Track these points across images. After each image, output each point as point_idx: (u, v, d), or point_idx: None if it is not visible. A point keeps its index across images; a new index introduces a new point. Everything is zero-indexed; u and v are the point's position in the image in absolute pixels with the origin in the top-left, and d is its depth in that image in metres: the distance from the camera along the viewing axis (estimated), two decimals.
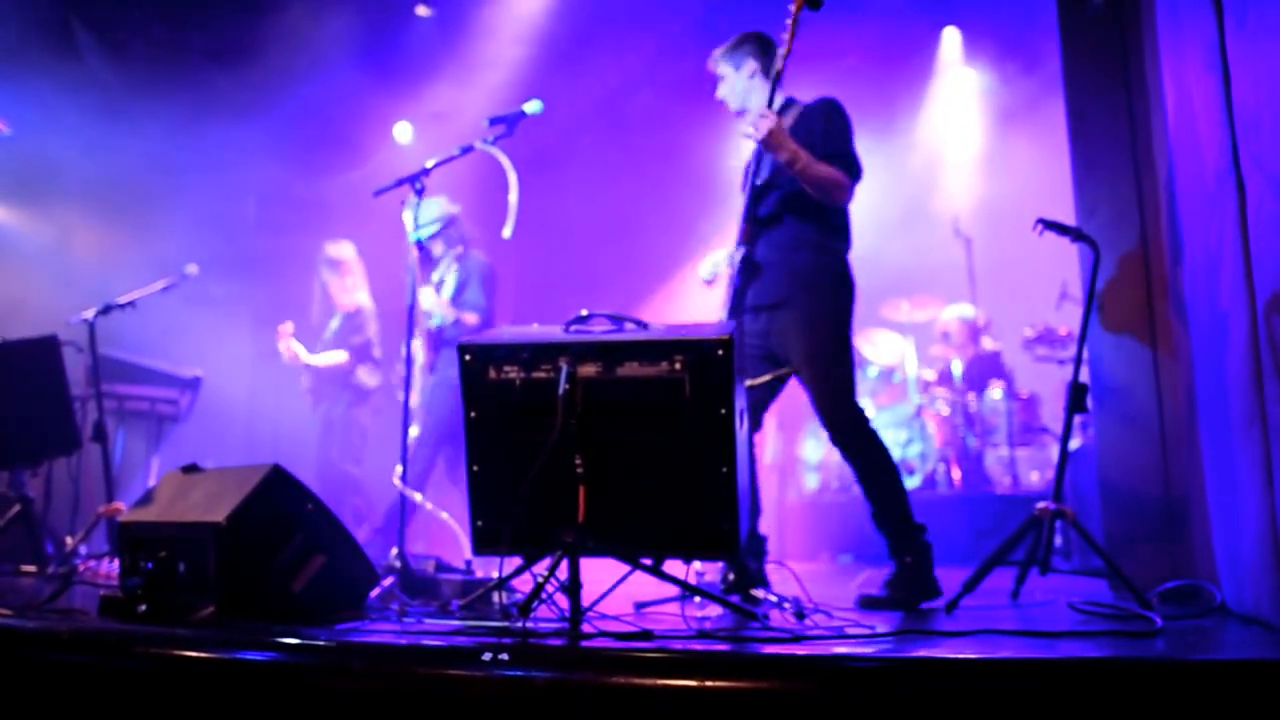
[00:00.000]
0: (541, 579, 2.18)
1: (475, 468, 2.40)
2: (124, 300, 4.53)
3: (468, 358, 2.37)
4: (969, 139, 7.93)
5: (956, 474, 6.42)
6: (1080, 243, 3.29)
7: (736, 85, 3.37)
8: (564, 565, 2.20)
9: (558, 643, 1.96)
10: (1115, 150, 3.62)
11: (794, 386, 3.25)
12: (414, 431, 4.63)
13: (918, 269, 6.92)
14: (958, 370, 6.69)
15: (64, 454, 4.53)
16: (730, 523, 2.27)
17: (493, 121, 3.41)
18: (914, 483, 6.32)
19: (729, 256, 3.27)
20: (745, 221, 3.22)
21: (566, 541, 2.18)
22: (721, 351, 2.23)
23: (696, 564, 3.19)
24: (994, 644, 2.05)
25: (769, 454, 6.55)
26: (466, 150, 3.44)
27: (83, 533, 4.22)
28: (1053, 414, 6.44)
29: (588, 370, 2.29)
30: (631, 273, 7.28)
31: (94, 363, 4.48)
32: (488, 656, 1.78)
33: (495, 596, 2.47)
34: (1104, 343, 3.57)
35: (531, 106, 3.39)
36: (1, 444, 4.26)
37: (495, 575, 2.45)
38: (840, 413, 3.09)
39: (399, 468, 3.35)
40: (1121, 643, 2.15)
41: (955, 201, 7.56)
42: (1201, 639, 2.26)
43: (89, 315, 4.44)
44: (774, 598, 2.84)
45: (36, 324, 4.52)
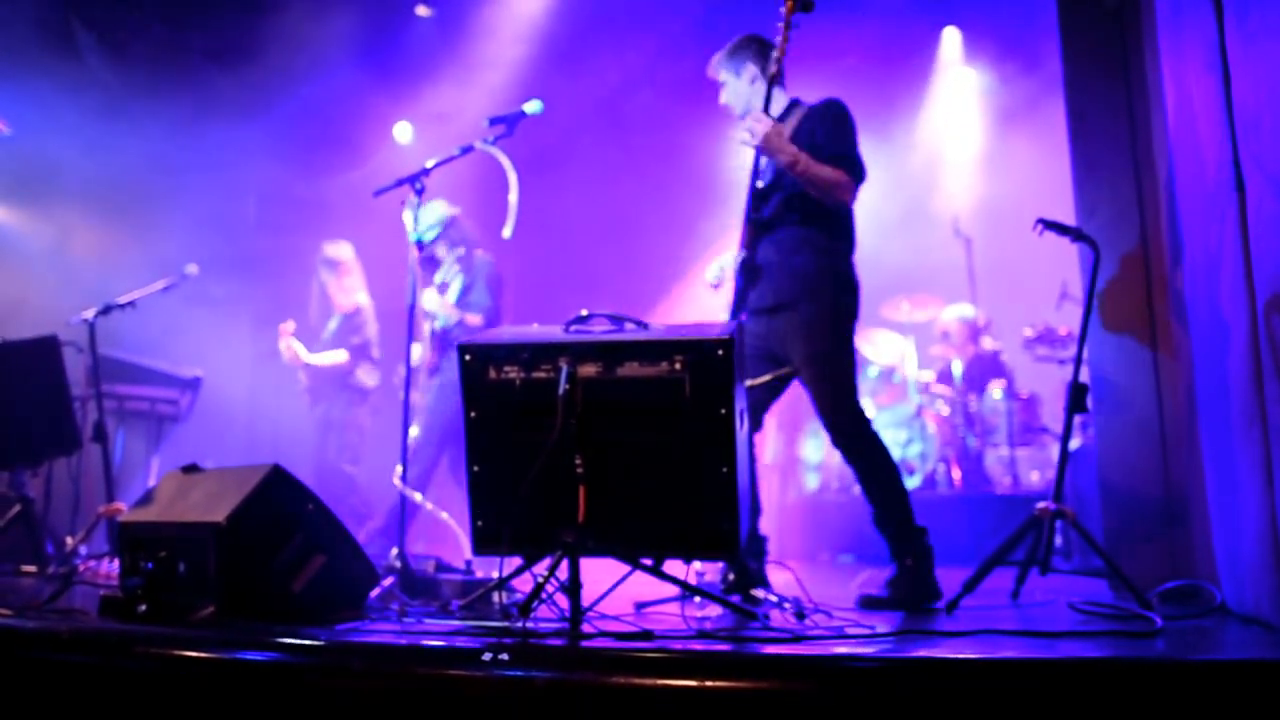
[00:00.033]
0: (541, 579, 2.18)
1: (475, 468, 2.40)
2: (124, 300, 4.53)
3: (468, 358, 2.37)
4: (969, 139, 7.92)
5: (957, 474, 6.42)
6: (1080, 243, 3.28)
7: (739, 91, 3.36)
8: (564, 565, 2.20)
9: (558, 643, 1.96)
10: (1115, 150, 3.62)
11: (796, 387, 3.25)
12: (414, 431, 4.63)
13: (918, 269, 6.91)
14: (958, 370, 6.69)
15: (64, 454, 4.53)
16: (730, 523, 2.27)
17: (493, 121, 3.41)
18: (914, 483, 6.32)
19: (733, 259, 3.27)
20: (747, 224, 3.22)
21: (566, 541, 2.18)
22: (721, 351, 2.23)
23: (696, 564, 3.19)
24: (994, 644, 2.05)
25: (769, 454, 6.55)
26: (466, 150, 3.44)
27: (83, 533, 4.22)
28: (1053, 414, 6.44)
29: (588, 370, 2.29)
30: (631, 273, 7.27)
31: (94, 363, 4.47)
32: (488, 656, 1.78)
33: (495, 596, 2.47)
34: (1104, 343, 3.57)
35: (531, 106, 3.39)
36: (1, 444, 4.26)
37: (495, 575, 2.45)
38: (841, 414, 3.09)
39: (399, 468, 3.35)
40: (1121, 643, 2.15)
41: (955, 201, 7.56)
42: (1201, 639, 2.26)
43: (89, 315, 4.44)
44: (774, 598, 2.84)
45: (36, 324, 4.52)
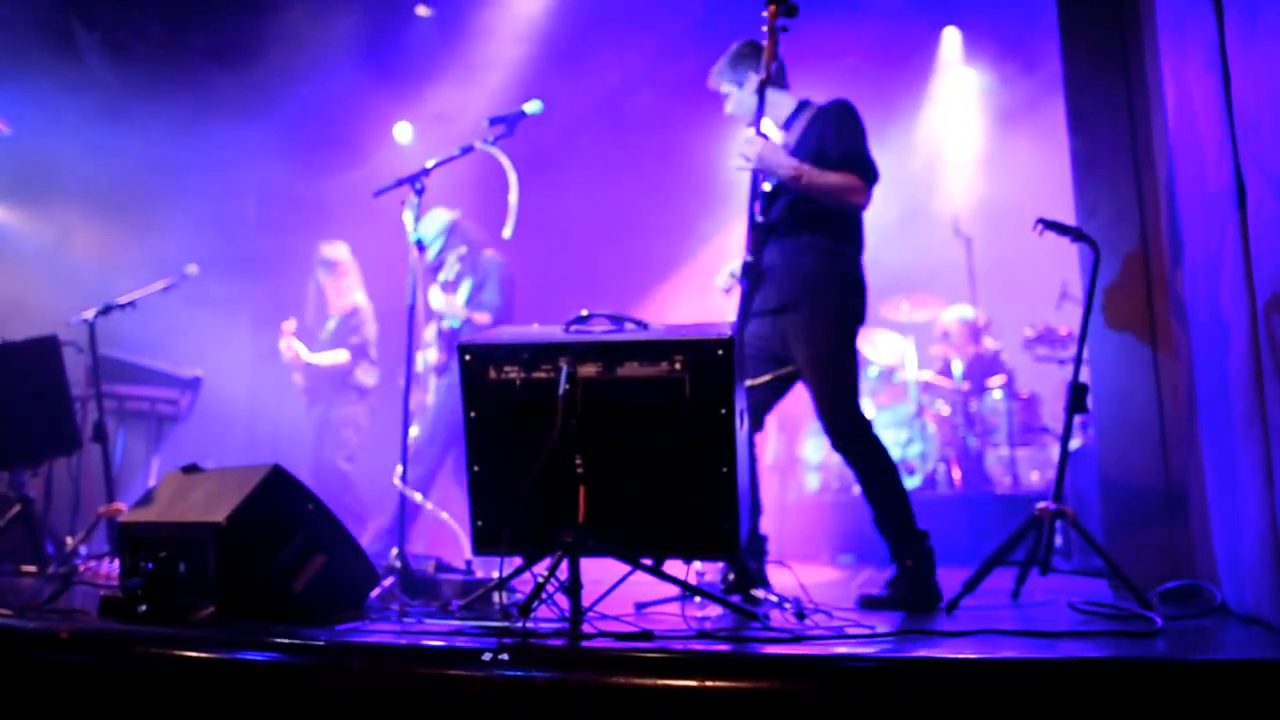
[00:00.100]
0: (542, 579, 2.18)
1: (475, 468, 2.40)
2: (124, 300, 4.53)
3: (468, 358, 2.37)
4: (969, 139, 7.92)
5: (957, 474, 6.42)
6: (1080, 243, 3.28)
7: (743, 101, 3.35)
8: (564, 565, 2.20)
9: (558, 643, 1.96)
10: (1115, 150, 3.62)
11: (798, 387, 3.25)
12: (414, 431, 4.63)
13: (918, 269, 6.92)
14: (958, 370, 6.69)
15: (64, 454, 4.53)
16: (730, 523, 2.27)
17: (493, 121, 3.41)
18: (914, 483, 6.32)
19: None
20: (751, 228, 3.21)
21: (566, 541, 2.18)
22: (721, 351, 2.23)
23: (696, 564, 3.19)
24: (994, 644, 2.05)
25: (769, 454, 6.55)
26: (466, 150, 3.44)
27: (83, 533, 4.22)
28: (1053, 414, 6.44)
29: (588, 370, 2.29)
30: (631, 273, 7.27)
31: (94, 363, 4.47)
32: (488, 656, 1.78)
33: (495, 596, 2.47)
34: (1104, 343, 3.57)
35: (531, 106, 3.39)
36: (1, 444, 4.26)
37: (495, 575, 2.45)
38: (841, 416, 3.08)
39: (399, 468, 3.35)
40: (1122, 643, 2.15)
41: (955, 201, 7.56)
42: (1202, 639, 2.26)
43: (89, 315, 4.44)
44: (774, 598, 2.84)
45: (36, 324, 4.52)
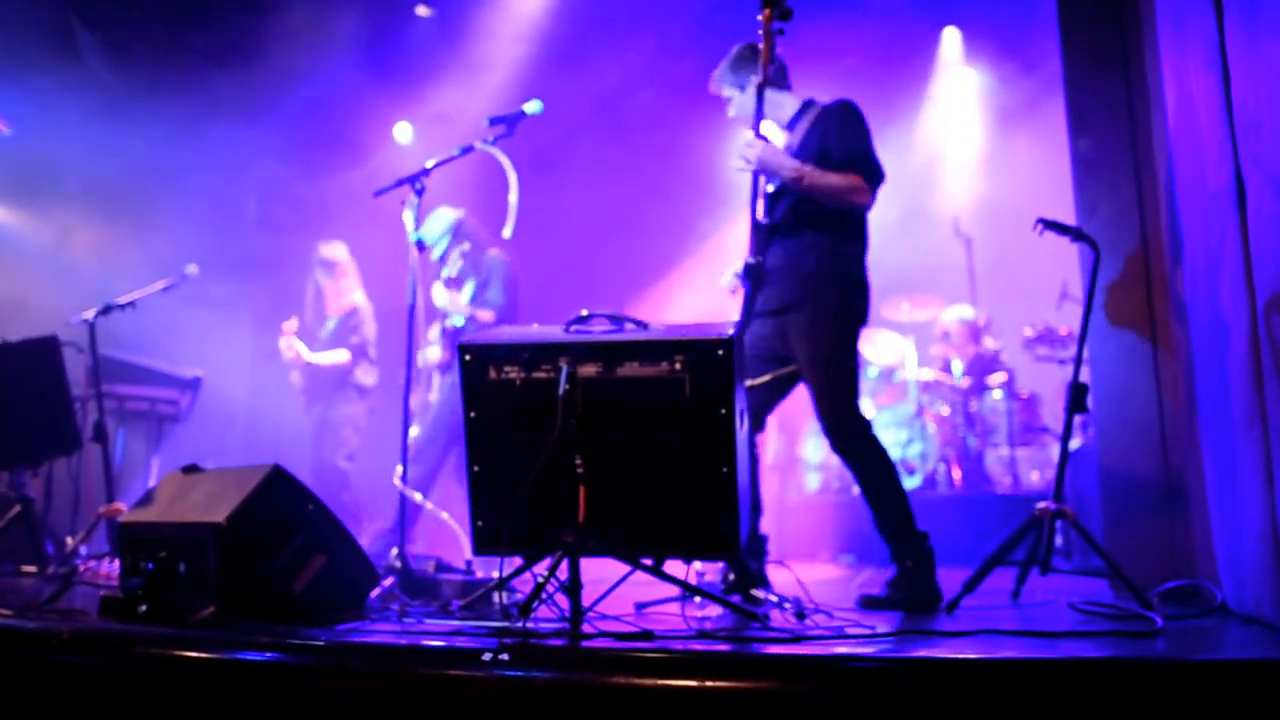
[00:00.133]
0: (542, 579, 2.18)
1: (475, 468, 2.40)
2: (124, 300, 4.53)
3: (468, 358, 2.37)
4: (969, 139, 7.92)
5: (957, 474, 6.41)
6: (1080, 242, 3.28)
7: (746, 105, 3.33)
8: (564, 565, 2.20)
9: (558, 643, 1.96)
10: (1116, 149, 3.62)
11: (800, 387, 3.24)
12: (414, 431, 4.63)
13: (918, 269, 6.91)
14: (958, 370, 6.69)
15: (64, 454, 4.53)
16: (730, 523, 2.27)
17: (493, 121, 3.41)
18: (914, 483, 6.32)
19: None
20: (754, 229, 3.21)
21: (567, 541, 2.18)
22: (721, 351, 2.23)
23: (697, 564, 3.19)
24: (994, 644, 2.05)
25: (769, 454, 6.55)
26: (466, 150, 3.44)
27: (83, 533, 4.22)
28: (1053, 414, 6.44)
29: (588, 370, 2.29)
30: (631, 273, 7.27)
31: (94, 363, 4.47)
32: (488, 657, 1.78)
33: (495, 596, 2.47)
34: (1105, 343, 3.57)
35: (531, 106, 3.39)
36: (2, 444, 4.26)
37: (495, 575, 2.45)
38: (840, 417, 3.08)
39: (399, 468, 3.35)
40: (1122, 643, 2.15)
41: (955, 201, 7.56)
42: (1202, 639, 2.26)
43: (89, 315, 4.44)
44: (774, 598, 2.84)
45: (37, 324, 4.52)
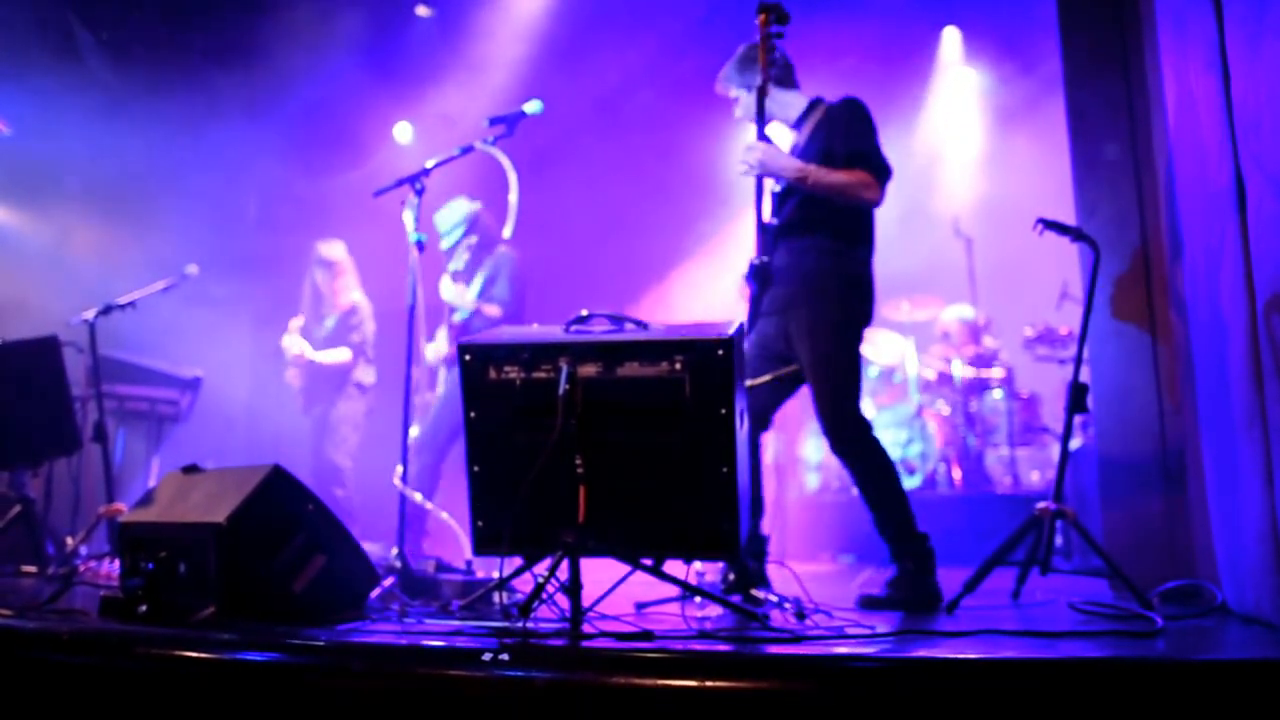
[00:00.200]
0: (542, 579, 2.18)
1: (475, 468, 2.40)
2: (124, 300, 4.53)
3: (468, 358, 2.37)
4: (969, 139, 7.92)
5: (957, 474, 6.41)
6: (1080, 242, 3.28)
7: (752, 105, 3.32)
8: (564, 565, 2.20)
9: (558, 643, 1.96)
10: (1115, 150, 3.62)
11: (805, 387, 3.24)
12: (414, 431, 4.63)
13: (918, 269, 6.90)
14: (958, 370, 6.69)
15: (64, 454, 4.53)
16: (730, 523, 2.27)
17: (493, 121, 3.41)
18: (914, 483, 6.32)
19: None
20: (761, 230, 3.21)
21: (567, 542, 2.18)
22: (721, 351, 2.23)
23: (697, 564, 3.19)
24: (994, 644, 2.05)
25: (769, 454, 6.54)
26: (466, 150, 3.44)
27: (83, 533, 4.22)
28: (1053, 414, 6.43)
29: (588, 370, 2.29)
30: (631, 273, 7.27)
31: (94, 363, 4.47)
32: (488, 657, 1.78)
33: (496, 597, 2.47)
34: (1105, 343, 3.57)
35: (531, 106, 3.39)
36: (2, 444, 4.25)
37: (495, 575, 2.45)
38: (839, 418, 3.08)
39: (399, 468, 3.35)
40: (1122, 643, 2.15)
41: (955, 201, 7.55)
42: (1202, 639, 2.26)
43: (89, 316, 4.44)
44: (775, 598, 2.84)
45: (37, 324, 4.52)
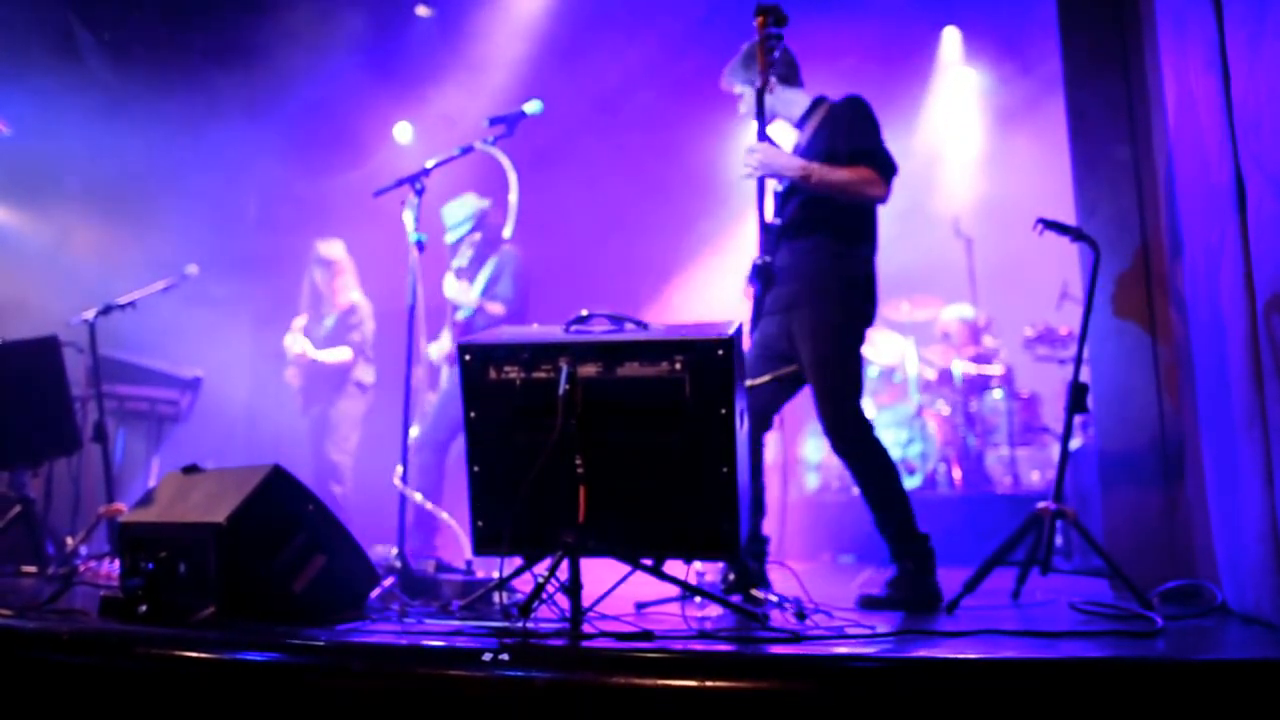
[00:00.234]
0: (542, 579, 2.18)
1: (475, 468, 2.40)
2: (124, 300, 4.53)
3: (468, 358, 2.37)
4: (969, 139, 7.91)
5: (957, 474, 6.41)
6: (1080, 242, 3.28)
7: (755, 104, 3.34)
8: (564, 565, 2.20)
9: (558, 643, 1.96)
10: (1115, 149, 3.62)
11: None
12: (414, 431, 4.63)
13: (918, 269, 6.90)
14: (958, 370, 6.69)
15: (64, 454, 4.53)
16: (730, 523, 2.27)
17: (492, 121, 3.41)
18: (914, 482, 6.31)
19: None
20: (764, 230, 3.21)
21: (567, 542, 2.18)
22: (721, 351, 2.23)
23: (697, 564, 3.19)
24: (995, 644, 2.05)
25: (770, 454, 6.53)
26: (466, 150, 3.44)
27: (83, 533, 4.22)
28: (1053, 414, 6.43)
29: (588, 370, 2.29)
30: (631, 272, 7.27)
31: (94, 363, 4.47)
32: (488, 657, 1.78)
33: (496, 597, 2.47)
34: (1105, 342, 3.57)
35: (531, 106, 3.39)
36: (2, 444, 4.25)
37: (496, 575, 2.45)
38: (840, 418, 3.08)
39: (399, 467, 3.34)
40: (1122, 643, 2.15)
41: (955, 201, 7.55)
42: (1202, 639, 2.26)
43: (89, 316, 4.44)
44: (775, 598, 2.84)
45: (37, 324, 4.52)
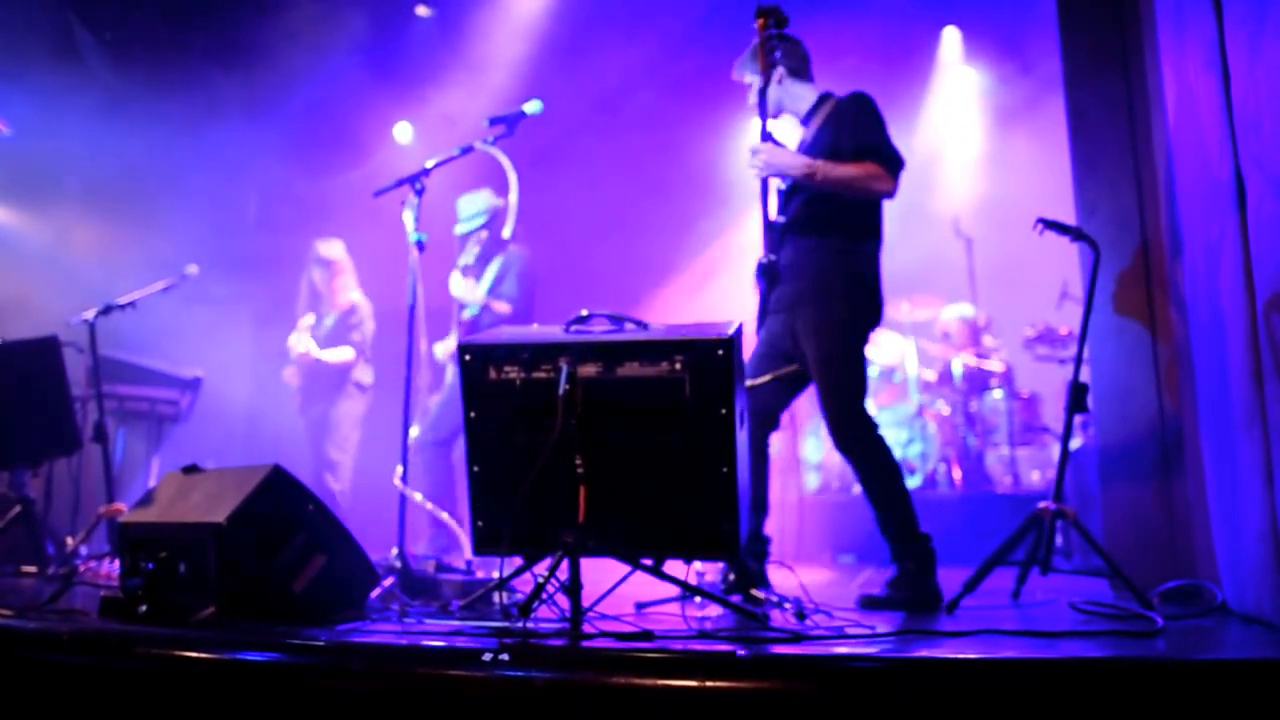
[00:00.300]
0: (542, 579, 2.18)
1: (475, 468, 2.40)
2: (124, 301, 4.53)
3: (468, 358, 2.37)
4: (969, 139, 7.91)
5: (957, 474, 6.41)
6: (1080, 242, 3.28)
7: (771, 93, 3.32)
8: (564, 565, 2.20)
9: (558, 643, 1.96)
10: (1116, 149, 3.62)
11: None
12: (414, 431, 4.63)
13: (918, 269, 6.90)
14: (958, 370, 6.69)
15: (64, 454, 4.53)
16: (730, 523, 2.27)
17: (493, 121, 3.41)
18: (914, 482, 6.31)
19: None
20: (768, 228, 3.21)
21: (567, 542, 2.18)
22: (721, 351, 2.23)
23: (697, 564, 3.19)
24: (995, 644, 2.05)
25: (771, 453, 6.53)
26: (466, 150, 3.43)
27: (83, 533, 4.22)
28: (1053, 414, 6.43)
29: (588, 370, 2.29)
30: (631, 273, 7.27)
31: (94, 363, 4.47)
32: (488, 657, 1.78)
33: (495, 596, 2.47)
34: (1105, 342, 3.57)
35: (531, 106, 3.39)
36: (2, 444, 4.25)
37: (496, 575, 2.45)
38: (844, 416, 3.08)
39: (399, 468, 3.34)
40: (1122, 643, 2.15)
41: (955, 201, 7.55)
42: (1202, 639, 2.26)
43: (89, 316, 4.44)
44: (775, 598, 2.84)
45: (37, 324, 4.52)
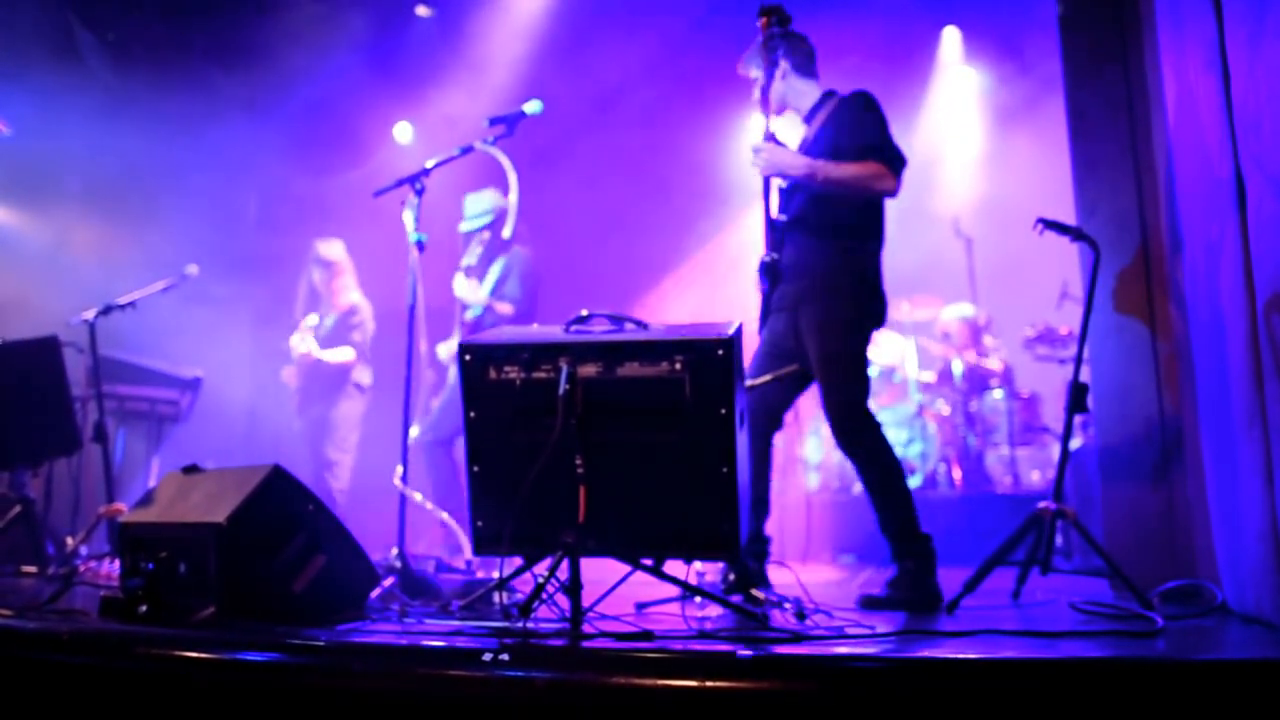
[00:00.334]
0: (542, 579, 2.18)
1: (475, 468, 2.40)
2: (124, 300, 4.53)
3: (468, 358, 2.37)
4: (969, 139, 7.91)
5: (957, 474, 6.41)
6: (1080, 242, 3.28)
7: (774, 89, 3.33)
8: (564, 565, 2.20)
9: (558, 643, 1.96)
10: (1115, 148, 3.62)
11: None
12: (414, 432, 4.63)
13: (918, 269, 6.89)
14: (958, 370, 6.69)
15: (64, 454, 4.53)
16: (730, 523, 2.26)
17: (492, 121, 3.41)
18: (915, 482, 6.31)
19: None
20: (770, 227, 3.21)
21: (567, 542, 2.18)
22: (721, 351, 2.23)
23: (697, 564, 3.19)
24: (995, 644, 2.05)
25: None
26: (466, 150, 3.43)
27: (83, 533, 4.22)
28: (1053, 414, 6.43)
29: (588, 370, 2.29)
30: (631, 272, 7.27)
31: (94, 363, 4.48)
32: (488, 657, 1.78)
33: (496, 597, 2.47)
34: (1105, 342, 3.57)
35: (531, 106, 3.39)
36: (2, 444, 4.25)
37: (496, 575, 2.45)
38: (847, 415, 3.08)
39: (400, 468, 3.34)
40: (1123, 642, 2.15)
41: (955, 201, 7.54)
42: (1202, 639, 2.26)
43: (89, 316, 4.44)
44: (775, 598, 2.84)
45: (37, 324, 4.52)
